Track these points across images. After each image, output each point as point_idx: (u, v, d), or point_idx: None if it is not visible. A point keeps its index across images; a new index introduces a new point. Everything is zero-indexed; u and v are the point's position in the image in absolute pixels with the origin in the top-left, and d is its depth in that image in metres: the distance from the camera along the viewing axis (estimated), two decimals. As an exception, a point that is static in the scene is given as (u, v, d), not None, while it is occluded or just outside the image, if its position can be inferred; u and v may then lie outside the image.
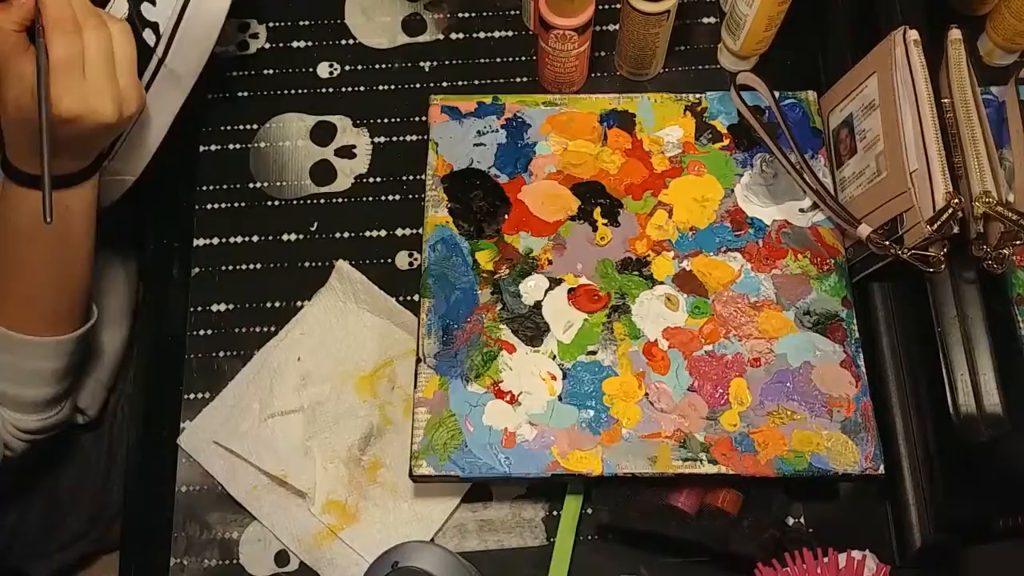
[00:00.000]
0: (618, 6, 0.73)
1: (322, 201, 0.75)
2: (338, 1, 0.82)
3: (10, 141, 0.60)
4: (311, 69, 0.79)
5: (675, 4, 0.69)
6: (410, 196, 0.75)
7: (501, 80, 0.79)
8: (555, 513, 0.66)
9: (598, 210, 0.69)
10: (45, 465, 0.81)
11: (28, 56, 0.57)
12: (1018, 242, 0.58)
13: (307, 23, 0.81)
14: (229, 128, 0.78)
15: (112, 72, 0.58)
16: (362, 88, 0.79)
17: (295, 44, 0.80)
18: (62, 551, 0.85)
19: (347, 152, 0.77)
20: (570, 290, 0.66)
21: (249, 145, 0.77)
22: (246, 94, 0.79)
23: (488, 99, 0.73)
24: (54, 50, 0.56)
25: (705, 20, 0.81)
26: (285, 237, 0.74)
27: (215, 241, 0.74)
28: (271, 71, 0.79)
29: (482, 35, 0.81)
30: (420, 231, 0.71)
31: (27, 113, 0.57)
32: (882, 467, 0.61)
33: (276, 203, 0.75)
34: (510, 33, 0.81)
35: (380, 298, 0.71)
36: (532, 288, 0.66)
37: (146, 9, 0.65)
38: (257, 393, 0.69)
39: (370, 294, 0.71)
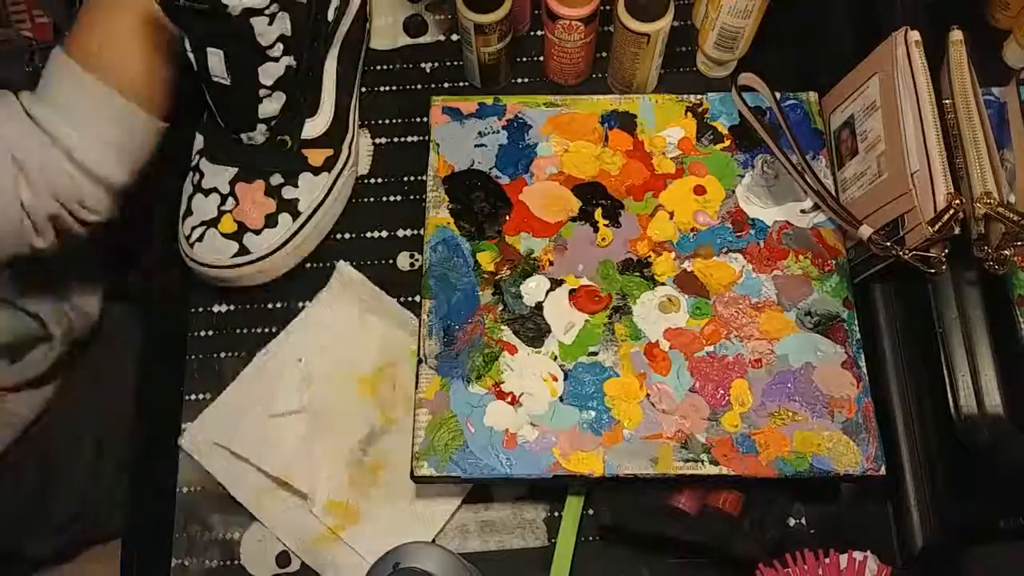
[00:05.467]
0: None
1: (323, 202, 0.75)
2: (339, 2, 0.82)
3: None
4: (312, 70, 0.79)
5: (661, 30, 0.69)
6: (411, 197, 0.75)
7: (502, 81, 0.79)
8: (556, 514, 0.66)
9: (599, 211, 0.69)
10: (32, 439, 0.80)
11: None
12: (1019, 243, 0.58)
13: (308, 24, 0.81)
14: (230, 129, 0.77)
15: None
16: (363, 89, 0.79)
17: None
18: (55, 533, 0.85)
19: (348, 153, 0.77)
20: (571, 291, 0.66)
21: (250, 146, 0.77)
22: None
23: (489, 100, 0.73)
24: None
25: (706, 21, 0.81)
26: (286, 238, 0.74)
27: (216, 242, 0.74)
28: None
29: (483, 36, 0.81)
30: (421, 232, 0.71)
31: None
32: (883, 468, 0.61)
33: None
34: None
35: (381, 299, 0.71)
36: (533, 289, 0.66)
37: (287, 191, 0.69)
38: (258, 394, 0.68)
39: (371, 295, 0.71)
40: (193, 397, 0.70)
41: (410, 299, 0.72)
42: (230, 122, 0.68)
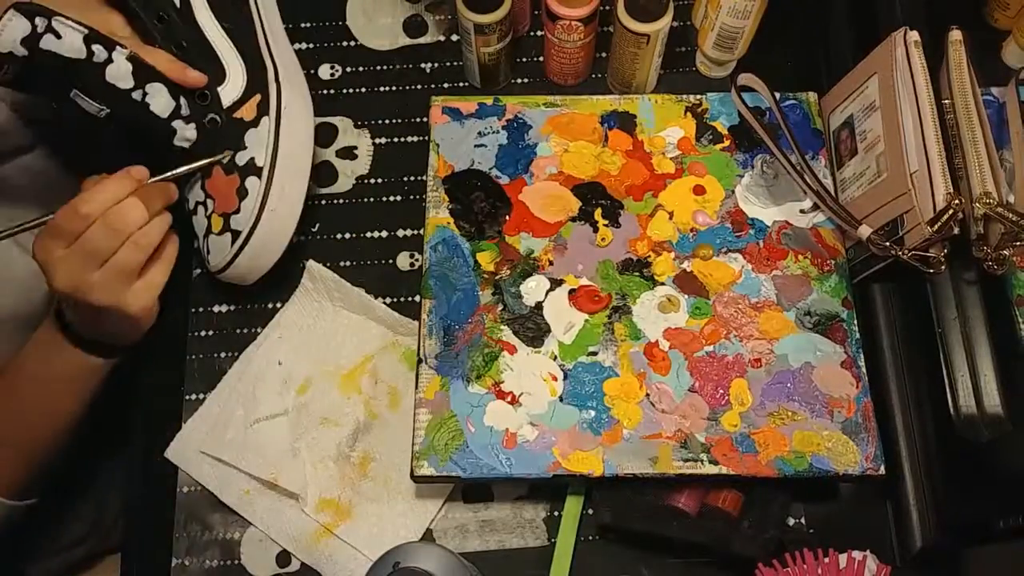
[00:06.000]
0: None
1: (323, 202, 0.76)
2: (339, 3, 0.82)
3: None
4: (312, 71, 0.80)
5: (661, 30, 0.69)
6: (411, 197, 0.75)
7: (502, 81, 0.79)
8: (556, 513, 0.66)
9: (599, 211, 0.69)
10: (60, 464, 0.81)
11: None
12: (1018, 243, 0.58)
13: (308, 25, 0.81)
14: (230, 129, 0.77)
15: (78, 263, 0.59)
16: (363, 89, 0.79)
17: (297, 46, 0.80)
18: (62, 553, 0.85)
19: (348, 153, 0.77)
20: (571, 291, 0.66)
21: (250, 146, 0.77)
22: (247, 95, 0.78)
23: (489, 100, 0.73)
24: (58, 214, 0.58)
25: (706, 21, 0.81)
26: (286, 238, 0.74)
27: (216, 242, 0.74)
28: (272, 72, 0.79)
29: (483, 36, 0.81)
30: (421, 232, 0.71)
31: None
32: (883, 468, 0.61)
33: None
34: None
35: (353, 294, 0.70)
36: (533, 289, 0.66)
37: (240, 157, 0.66)
38: (240, 400, 0.68)
39: (343, 291, 0.71)
40: (193, 397, 0.70)
41: (410, 299, 0.72)
42: (155, 141, 0.66)
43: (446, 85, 0.79)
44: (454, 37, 0.81)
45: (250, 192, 0.66)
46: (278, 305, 0.72)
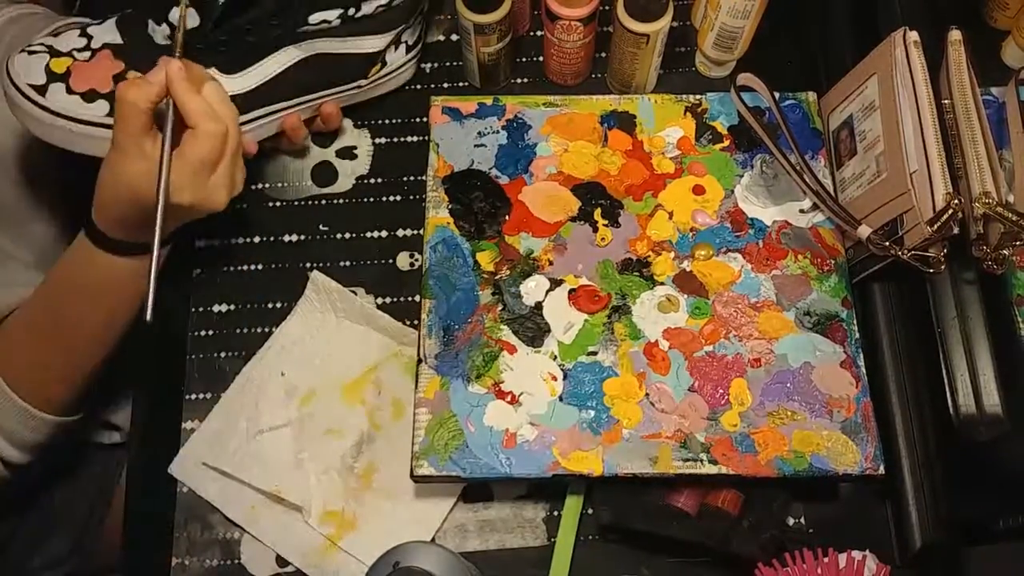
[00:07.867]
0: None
1: (323, 202, 0.76)
2: (339, 2, 0.82)
3: (104, 207, 0.59)
4: (312, 70, 0.79)
5: (660, 30, 0.69)
6: (411, 197, 0.75)
7: (502, 81, 0.79)
8: (556, 513, 0.66)
9: (599, 211, 0.69)
10: (40, 480, 0.80)
11: (153, 138, 0.56)
12: (1018, 243, 0.58)
13: (308, 24, 0.81)
14: (230, 129, 0.77)
15: (235, 168, 0.59)
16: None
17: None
18: (46, 571, 0.84)
19: (348, 153, 0.77)
20: (571, 291, 0.66)
21: (250, 146, 0.77)
22: (247, 95, 0.78)
23: (489, 100, 0.73)
24: (197, 147, 0.56)
25: (705, 21, 0.81)
26: (286, 238, 0.74)
27: (216, 242, 0.74)
28: (272, 72, 0.79)
29: (483, 36, 0.81)
30: (421, 232, 0.71)
31: (140, 195, 0.56)
32: (882, 467, 0.61)
33: (277, 204, 0.75)
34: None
35: (357, 305, 0.70)
36: (533, 289, 0.66)
37: None
38: (243, 412, 0.68)
39: (347, 302, 0.70)
40: (193, 397, 0.70)
41: (410, 299, 0.72)
42: None
43: (446, 85, 0.79)
44: (454, 37, 0.81)
45: None
46: (278, 305, 0.72)
